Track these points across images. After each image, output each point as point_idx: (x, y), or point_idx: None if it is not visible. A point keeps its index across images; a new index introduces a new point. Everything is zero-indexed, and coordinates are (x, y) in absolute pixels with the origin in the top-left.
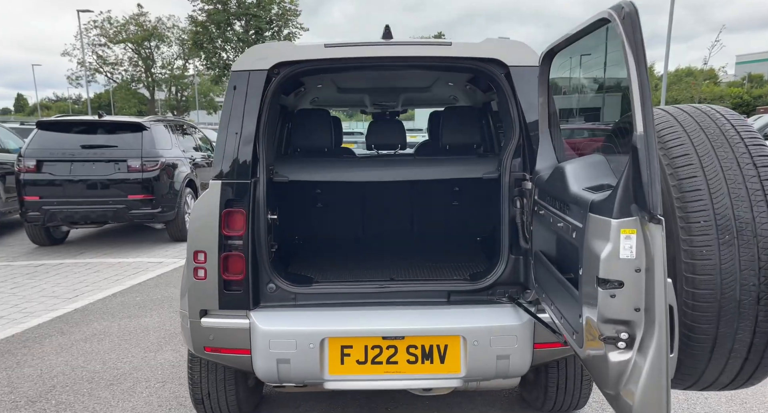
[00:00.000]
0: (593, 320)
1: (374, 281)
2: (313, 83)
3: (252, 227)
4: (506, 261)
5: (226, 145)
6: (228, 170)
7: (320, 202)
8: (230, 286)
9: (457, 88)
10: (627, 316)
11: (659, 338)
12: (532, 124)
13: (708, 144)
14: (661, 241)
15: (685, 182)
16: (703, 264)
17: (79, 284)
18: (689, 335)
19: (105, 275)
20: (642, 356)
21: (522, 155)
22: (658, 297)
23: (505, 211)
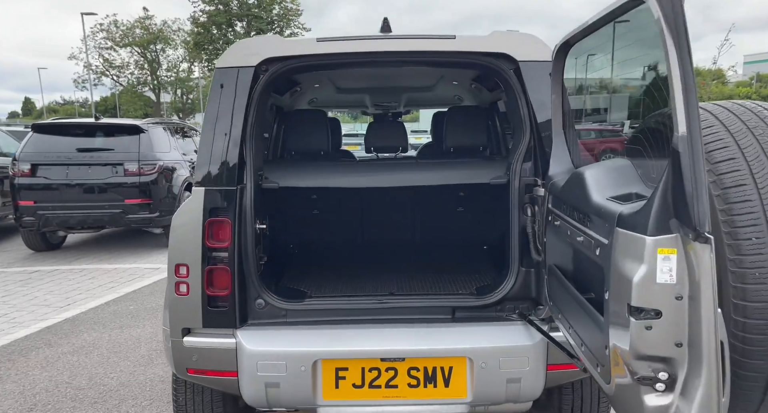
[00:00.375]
0: (624, 354)
1: (373, 296)
2: (308, 82)
3: (238, 238)
4: (516, 274)
5: (211, 148)
6: (212, 175)
7: (316, 208)
8: (215, 302)
9: (461, 87)
10: (666, 352)
11: (708, 379)
12: (544, 124)
13: (757, 146)
14: (710, 263)
15: (732, 191)
16: (756, 289)
17: (73, 292)
18: (738, 372)
19: (100, 281)
20: (686, 401)
21: (533, 159)
22: (705, 331)
23: (514, 219)
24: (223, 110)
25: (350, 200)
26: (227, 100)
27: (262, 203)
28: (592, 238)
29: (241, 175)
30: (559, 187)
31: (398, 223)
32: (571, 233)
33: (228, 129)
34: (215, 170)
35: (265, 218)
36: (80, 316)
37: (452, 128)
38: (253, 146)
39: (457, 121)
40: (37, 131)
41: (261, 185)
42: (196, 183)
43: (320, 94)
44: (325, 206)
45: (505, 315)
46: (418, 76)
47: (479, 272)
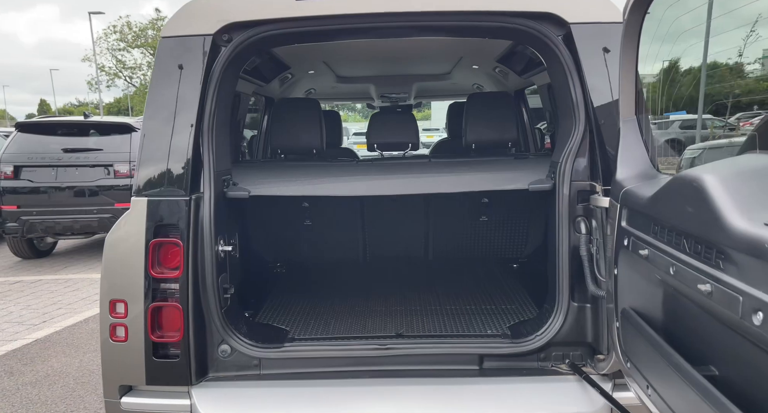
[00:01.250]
0: None
1: (374, 338)
2: (299, 66)
3: (193, 265)
4: (565, 311)
5: (155, 146)
6: (157, 181)
7: (309, 219)
8: (163, 351)
9: (483, 72)
10: None
11: None
12: (605, 109)
13: None
14: None
15: None
16: None
17: (52, 307)
18: None
19: (84, 294)
20: None
21: (589, 157)
22: None
23: (562, 238)
24: (170, 95)
25: (349, 210)
26: (176, 81)
27: (228, 218)
28: (739, 292)
29: (196, 180)
30: (643, 198)
31: (408, 237)
32: (677, 273)
33: (179, 120)
34: (161, 174)
35: (233, 236)
36: (53, 336)
37: (474, 120)
38: (213, 141)
39: (480, 110)
40: (21, 130)
41: (226, 193)
42: (135, 192)
43: (317, 84)
44: (320, 216)
45: (552, 366)
46: (431, 60)
47: (512, 301)
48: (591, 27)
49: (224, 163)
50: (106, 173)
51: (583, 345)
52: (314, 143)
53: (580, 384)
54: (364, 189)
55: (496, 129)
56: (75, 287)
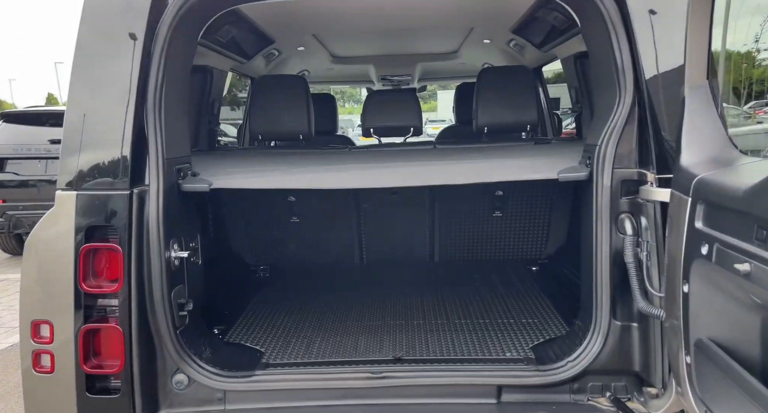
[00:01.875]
0: None
1: (367, 364)
2: (286, 40)
3: (137, 276)
4: (606, 331)
5: (81, 128)
6: (88, 171)
7: (296, 215)
8: (99, 385)
9: (495, 47)
10: None
11: None
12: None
13: None
14: None
15: None
16: None
17: None
18: None
19: None
20: None
21: (638, 137)
22: None
23: (602, 240)
24: (103, 63)
25: (343, 205)
26: (109, 42)
27: (184, 216)
28: None
29: (139, 170)
30: (733, 188)
31: (410, 238)
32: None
33: (114, 95)
34: (94, 162)
35: (193, 239)
36: None
37: (486, 99)
38: (161, 122)
39: (495, 88)
40: (6, 120)
41: (180, 185)
42: (60, 186)
43: (310, 64)
44: (309, 212)
45: (587, 400)
46: (437, 34)
47: (534, 314)
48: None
49: (179, 149)
50: None
51: (629, 374)
52: (300, 127)
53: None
54: (356, 180)
55: (512, 109)
56: None
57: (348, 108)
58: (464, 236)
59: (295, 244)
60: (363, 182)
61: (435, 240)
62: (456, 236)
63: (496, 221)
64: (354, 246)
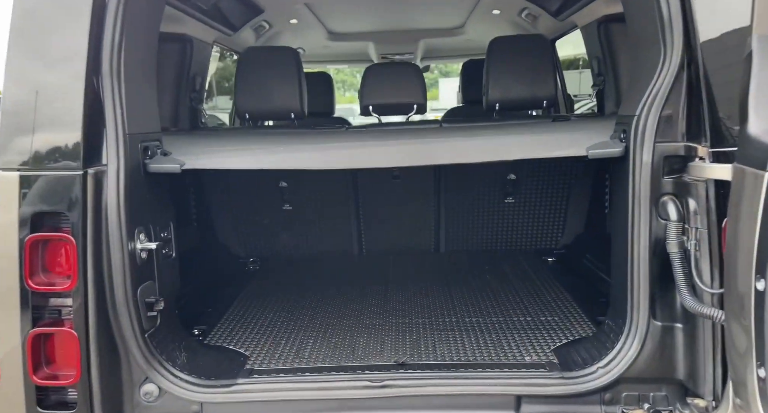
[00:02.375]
0: None
1: (366, 370)
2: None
3: (95, 271)
4: (644, 333)
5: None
6: (32, 148)
7: (288, 202)
8: (53, 397)
9: (505, 19)
10: None
11: None
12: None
13: None
14: None
15: None
16: None
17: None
18: None
19: None
20: None
21: (686, 104)
22: None
23: (640, 228)
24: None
25: (340, 191)
26: None
27: (153, 201)
28: None
29: (94, 147)
30: None
31: (413, 225)
32: None
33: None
34: (40, 138)
35: (165, 228)
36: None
37: (498, 72)
38: (121, 91)
39: (506, 60)
40: None
41: (146, 166)
42: (2, 166)
43: (305, 41)
44: (302, 199)
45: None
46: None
47: (555, 311)
48: None
49: (145, 124)
50: None
51: (671, 382)
52: (292, 104)
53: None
54: (352, 161)
55: (528, 83)
56: None
57: (348, 97)
58: (473, 225)
59: (288, 234)
60: (360, 162)
61: (441, 229)
62: (464, 225)
63: (508, 208)
64: (352, 236)
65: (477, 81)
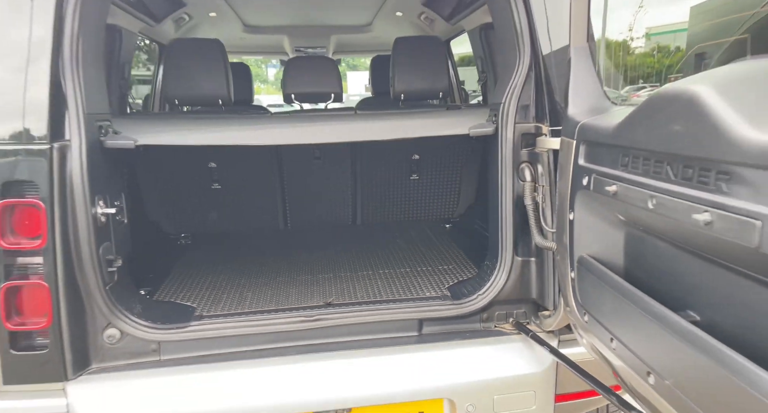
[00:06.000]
0: None
1: (298, 310)
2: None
3: (62, 232)
4: (509, 267)
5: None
6: (3, 125)
7: (217, 181)
8: (25, 342)
9: (407, 20)
10: None
11: None
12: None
13: None
14: None
15: None
16: None
17: None
18: None
19: None
20: None
21: (535, 95)
22: None
23: (505, 187)
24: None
25: (265, 171)
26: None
27: (109, 174)
28: (752, 217)
29: (58, 125)
30: (607, 128)
31: (333, 201)
32: (659, 206)
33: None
34: (9, 114)
35: (118, 197)
36: None
37: (401, 67)
38: (79, 75)
39: (408, 56)
40: None
41: (103, 142)
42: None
43: (222, 33)
44: (230, 179)
45: (495, 327)
46: (351, 6)
47: (449, 261)
48: None
49: (99, 105)
50: None
51: (528, 302)
52: (220, 91)
53: (525, 344)
54: (282, 137)
55: (426, 77)
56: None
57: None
58: (384, 199)
59: (217, 211)
60: (289, 138)
61: (357, 204)
62: (377, 199)
63: (413, 184)
64: (278, 212)
65: (384, 74)
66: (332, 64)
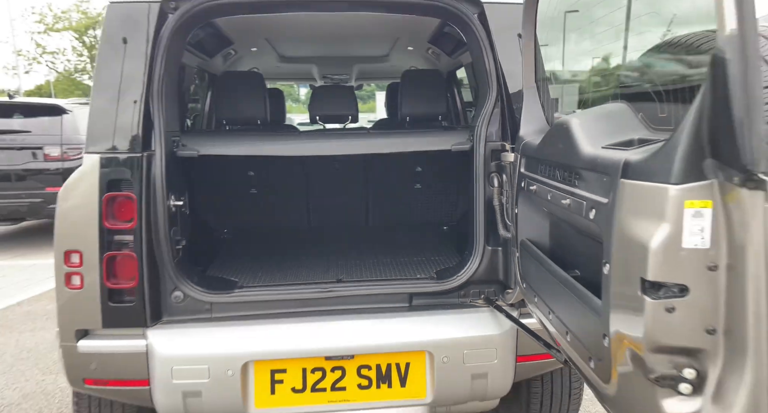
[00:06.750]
0: (635, 345)
1: (317, 284)
2: (242, 42)
3: (146, 217)
4: (481, 254)
5: (105, 108)
6: (110, 139)
7: (254, 187)
8: (118, 297)
9: (417, 53)
10: (694, 342)
11: (755, 379)
12: (513, 79)
13: None
14: (763, 218)
15: None
16: None
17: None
18: None
19: (14, 279)
20: (721, 408)
21: (501, 120)
22: (751, 312)
23: (479, 191)
24: (120, 58)
25: (294, 179)
26: (125, 46)
27: (178, 175)
28: (583, 199)
29: (147, 139)
30: (534, 146)
31: (349, 204)
32: (551, 197)
33: (129, 83)
34: (113, 132)
35: (184, 194)
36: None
37: (407, 95)
38: (163, 103)
39: (413, 86)
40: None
41: (176, 152)
42: (88, 150)
43: (261, 63)
44: (265, 185)
45: (470, 301)
46: (368, 41)
47: (440, 254)
48: (501, 6)
49: (174, 125)
50: (36, 157)
51: (496, 282)
52: (259, 114)
53: (492, 313)
54: (307, 150)
55: (427, 103)
56: (3, 274)
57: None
58: (392, 204)
59: (254, 212)
60: (313, 151)
61: (369, 208)
62: (385, 204)
63: (416, 192)
64: (303, 213)
65: (397, 98)
66: (350, 92)
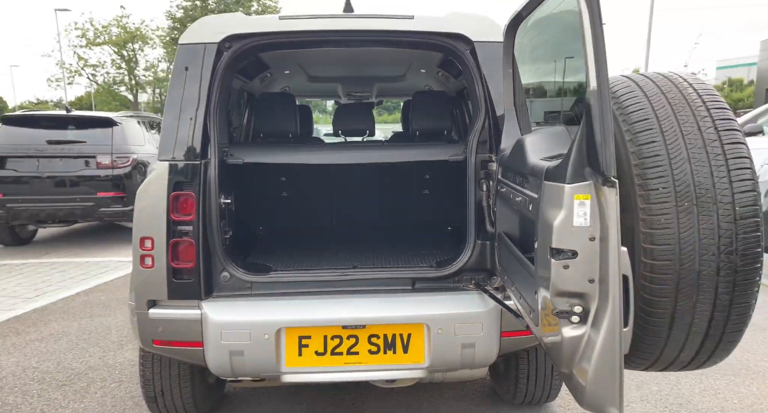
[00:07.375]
0: (548, 294)
1: (336, 269)
2: (278, 67)
3: (203, 212)
4: (472, 247)
5: (174, 123)
6: (176, 150)
7: (285, 191)
8: (180, 275)
9: (429, 75)
10: (580, 288)
11: (613, 311)
12: (498, 102)
13: (668, 108)
14: (615, 206)
15: (645, 147)
16: (661, 234)
17: (42, 284)
18: (648, 310)
19: (70, 274)
20: (596, 331)
21: (488, 136)
22: (612, 267)
23: (471, 195)
24: (186, 86)
25: (319, 184)
26: (191, 76)
27: (226, 179)
28: (527, 196)
29: (205, 150)
30: (506, 157)
31: (366, 206)
32: (513, 196)
33: (192, 105)
34: (179, 144)
35: (230, 194)
36: (49, 306)
37: (417, 112)
38: (216, 121)
39: (422, 105)
40: (6, 123)
41: (226, 160)
42: (160, 158)
43: (292, 83)
44: (295, 189)
45: (462, 286)
46: (386, 64)
47: (441, 248)
48: (488, 44)
49: (224, 138)
50: (89, 164)
51: (485, 270)
52: (290, 128)
53: (480, 295)
54: (330, 159)
55: (434, 120)
56: (61, 269)
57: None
58: (403, 208)
59: (284, 212)
60: (336, 160)
61: (382, 209)
62: (397, 207)
63: (424, 197)
64: (326, 214)
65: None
66: (368, 111)
